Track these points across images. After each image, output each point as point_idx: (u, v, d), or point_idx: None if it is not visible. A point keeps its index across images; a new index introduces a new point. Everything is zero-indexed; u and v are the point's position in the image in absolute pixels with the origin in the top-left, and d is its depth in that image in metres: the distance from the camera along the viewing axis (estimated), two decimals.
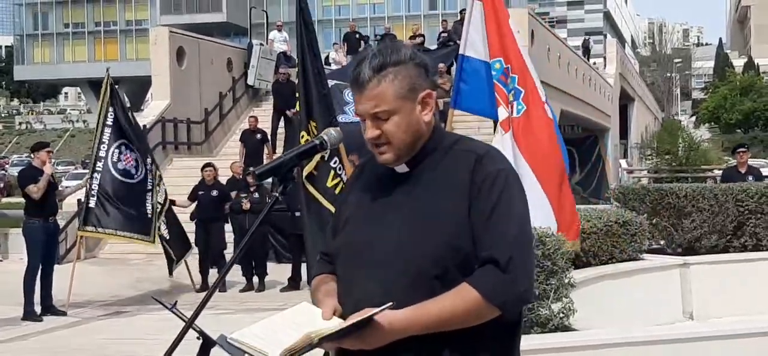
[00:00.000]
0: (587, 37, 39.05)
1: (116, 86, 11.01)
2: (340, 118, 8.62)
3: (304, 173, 5.77)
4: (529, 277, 2.06)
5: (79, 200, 11.35)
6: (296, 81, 6.47)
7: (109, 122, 10.42)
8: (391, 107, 2.10)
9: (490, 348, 2.06)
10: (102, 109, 10.54)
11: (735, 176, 11.00)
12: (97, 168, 10.32)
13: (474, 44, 5.99)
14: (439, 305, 1.99)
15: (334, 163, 5.82)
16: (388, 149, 2.13)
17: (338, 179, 5.81)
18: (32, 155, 9.88)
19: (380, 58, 2.10)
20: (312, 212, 5.78)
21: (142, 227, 10.39)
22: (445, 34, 21.60)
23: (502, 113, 5.73)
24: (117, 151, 10.37)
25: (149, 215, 10.38)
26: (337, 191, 5.78)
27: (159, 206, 10.56)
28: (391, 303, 1.95)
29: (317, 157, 5.66)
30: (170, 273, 11.05)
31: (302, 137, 5.85)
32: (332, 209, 5.72)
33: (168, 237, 10.79)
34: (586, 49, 35.49)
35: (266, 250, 11.47)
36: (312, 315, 2.05)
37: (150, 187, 10.46)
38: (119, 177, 10.32)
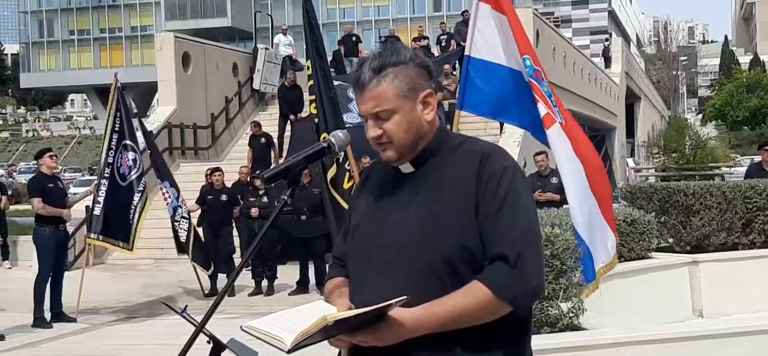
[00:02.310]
0: (606, 41, 38.64)
1: (123, 92, 10.97)
2: (346, 116, 8.63)
3: (328, 177, 5.81)
4: (539, 271, 2.08)
5: (87, 207, 11.38)
6: (302, 85, 6.49)
7: (117, 127, 10.37)
8: (391, 107, 2.12)
9: (502, 344, 2.07)
10: (110, 115, 10.51)
11: (759, 173, 10.84)
12: (105, 175, 10.26)
13: (481, 45, 5.85)
14: (451, 303, 2.00)
15: (348, 165, 5.85)
16: (390, 148, 2.15)
17: (352, 181, 5.84)
18: (39, 162, 9.91)
19: (380, 60, 2.13)
20: (338, 217, 5.80)
21: (124, 233, 10.17)
22: (445, 37, 21.56)
23: (542, 109, 5.51)
24: (120, 155, 10.26)
25: (131, 221, 10.16)
26: (352, 193, 5.81)
27: (140, 210, 10.29)
28: (405, 297, 1.96)
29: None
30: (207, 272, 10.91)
31: (323, 138, 5.87)
32: None
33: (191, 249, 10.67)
34: (607, 58, 35.30)
35: (275, 254, 11.47)
36: (326, 311, 2.07)
37: (141, 188, 10.29)
38: (120, 181, 10.22)
